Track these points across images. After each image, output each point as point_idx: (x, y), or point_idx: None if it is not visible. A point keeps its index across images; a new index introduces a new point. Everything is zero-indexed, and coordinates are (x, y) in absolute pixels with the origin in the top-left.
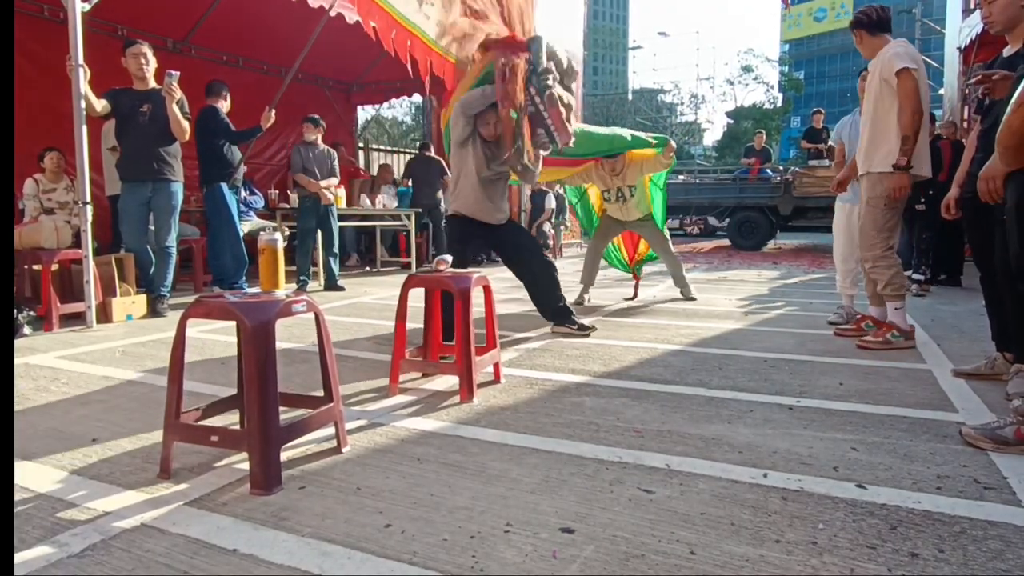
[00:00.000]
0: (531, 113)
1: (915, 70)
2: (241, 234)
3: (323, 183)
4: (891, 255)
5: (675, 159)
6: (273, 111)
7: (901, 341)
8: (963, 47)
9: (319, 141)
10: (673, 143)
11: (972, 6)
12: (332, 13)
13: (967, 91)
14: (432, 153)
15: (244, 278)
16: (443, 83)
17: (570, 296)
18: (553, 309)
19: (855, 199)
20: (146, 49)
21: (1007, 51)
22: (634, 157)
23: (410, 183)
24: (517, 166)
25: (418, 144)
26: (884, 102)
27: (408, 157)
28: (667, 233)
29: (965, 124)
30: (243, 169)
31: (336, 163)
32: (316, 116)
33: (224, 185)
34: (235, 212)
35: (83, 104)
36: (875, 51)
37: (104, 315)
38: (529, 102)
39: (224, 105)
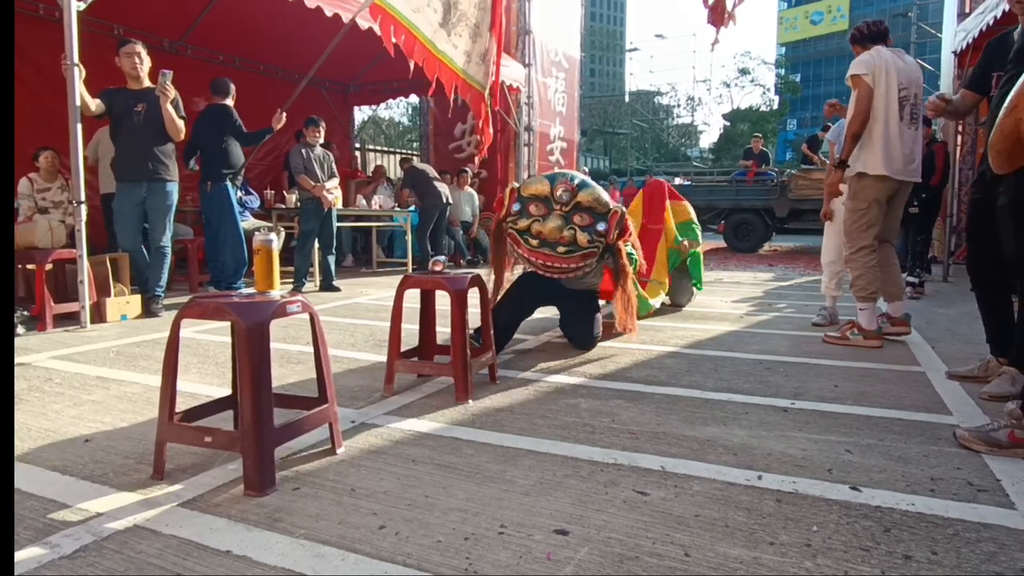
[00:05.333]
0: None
1: (865, 75)
2: (243, 235)
3: (329, 184)
4: (859, 258)
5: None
6: (284, 113)
7: (860, 340)
8: (959, 51)
9: (319, 142)
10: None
11: (967, 10)
12: (349, 20)
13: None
14: (416, 163)
15: (242, 279)
16: (467, 105)
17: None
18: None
19: None
20: (140, 48)
21: (1018, 35)
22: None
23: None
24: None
25: (400, 161)
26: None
27: (403, 159)
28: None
29: (960, 127)
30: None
31: (333, 163)
32: (317, 117)
33: (229, 184)
34: (238, 212)
35: (78, 103)
36: None
37: (98, 315)
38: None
39: (230, 103)
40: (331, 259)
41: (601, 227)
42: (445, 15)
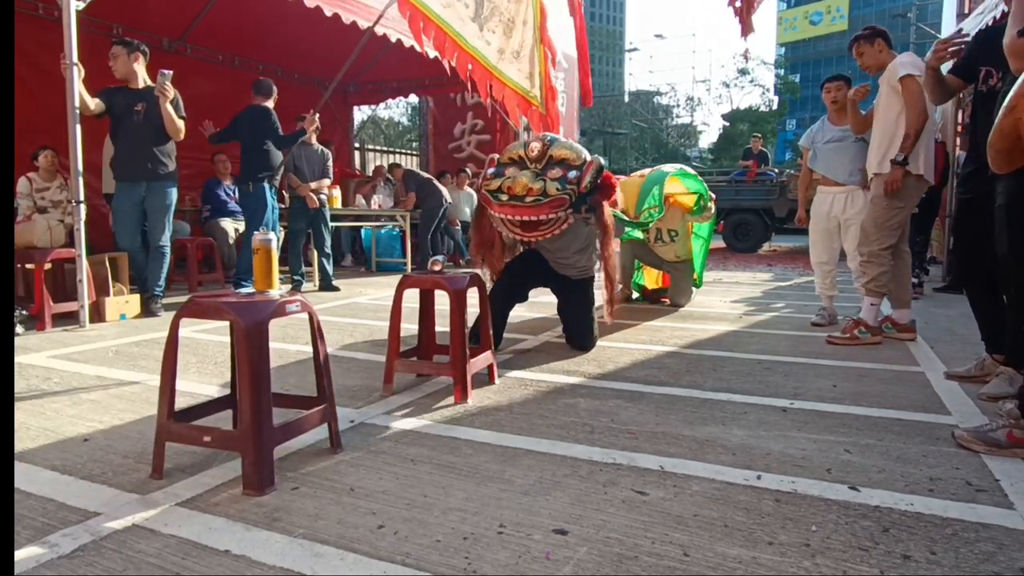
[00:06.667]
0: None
1: (918, 76)
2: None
3: (313, 184)
4: (886, 255)
5: (713, 215)
6: (317, 115)
7: (868, 337)
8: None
9: (313, 140)
10: (711, 207)
11: (967, 10)
12: (382, 33)
13: (962, 95)
14: (410, 167)
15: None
16: (503, 106)
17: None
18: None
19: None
20: (119, 50)
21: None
22: (677, 203)
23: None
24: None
25: (389, 166)
26: (893, 109)
27: (403, 157)
28: (699, 280)
29: (960, 127)
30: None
31: (330, 163)
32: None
33: (266, 185)
34: (271, 214)
35: (77, 103)
36: (882, 64)
37: (97, 314)
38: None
39: (271, 104)
40: (326, 260)
41: (573, 175)
42: (477, 9)
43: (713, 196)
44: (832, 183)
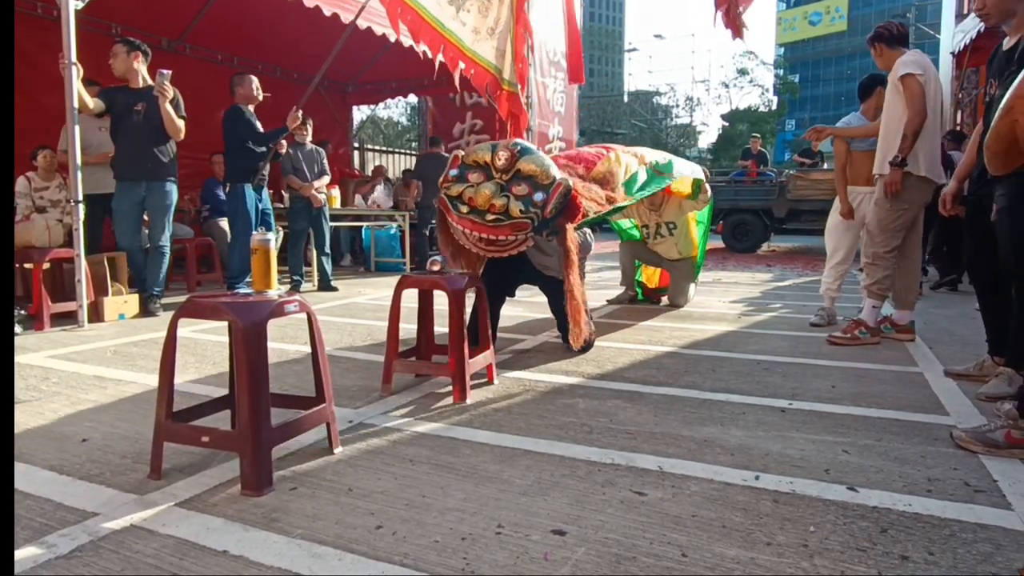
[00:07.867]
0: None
1: (919, 75)
2: None
3: (317, 183)
4: (891, 257)
5: (711, 198)
6: (300, 111)
7: (867, 338)
8: (956, 52)
9: (307, 140)
10: (707, 187)
11: (966, 11)
12: (363, 25)
13: (961, 95)
14: (443, 151)
15: (247, 281)
16: (470, 83)
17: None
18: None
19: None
20: (119, 48)
21: (1006, 43)
22: (674, 194)
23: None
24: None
25: (429, 140)
26: (896, 109)
27: (402, 157)
28: (698, 277)
29: (959, 127)
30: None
31: (325, 160)
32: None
33: (247, 186)
34: (253, 214)
35: (76, 103)
36: (889, 63)
37: (96, 314)
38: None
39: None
40: (325, 259)
41: (539, 197)
42: None
43: (707, 173)
44: (864, 182)
